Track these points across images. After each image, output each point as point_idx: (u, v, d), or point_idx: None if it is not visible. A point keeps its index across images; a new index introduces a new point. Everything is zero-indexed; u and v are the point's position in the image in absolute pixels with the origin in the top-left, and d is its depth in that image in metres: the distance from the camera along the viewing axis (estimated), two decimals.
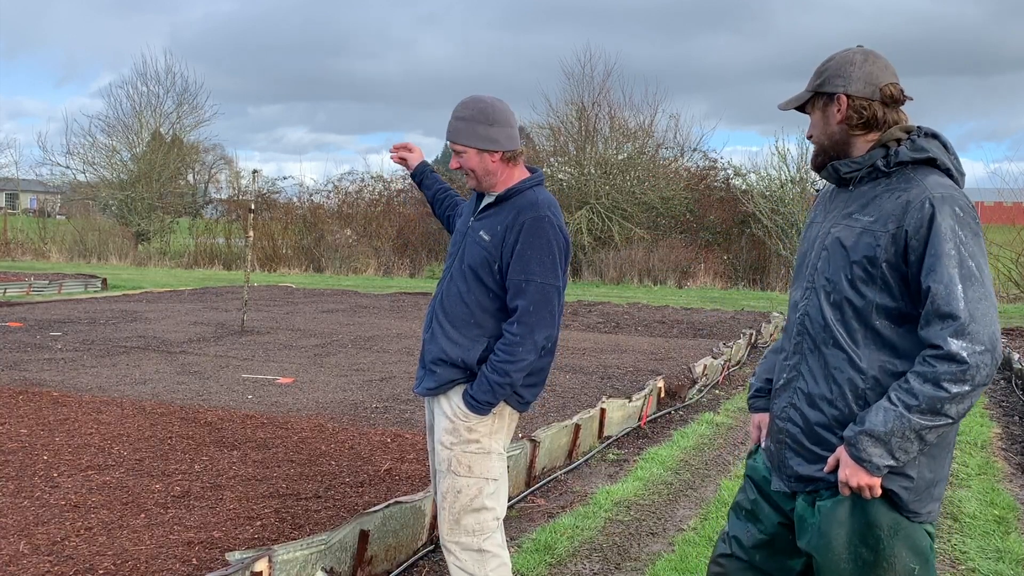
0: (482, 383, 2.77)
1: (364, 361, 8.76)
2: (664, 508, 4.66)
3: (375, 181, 27.06)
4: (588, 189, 23.73)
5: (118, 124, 29.76)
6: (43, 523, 3.91)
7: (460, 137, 2.84)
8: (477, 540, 2.85)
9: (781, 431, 2.21)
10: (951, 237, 1.97)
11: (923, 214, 1.99)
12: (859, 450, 1.99)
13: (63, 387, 6.88)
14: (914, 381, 1.96)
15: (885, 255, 2.03)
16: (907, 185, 2.07)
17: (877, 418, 1.98)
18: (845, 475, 2.02)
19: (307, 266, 24.80)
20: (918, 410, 1.94)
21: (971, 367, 1.91)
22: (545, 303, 2.75)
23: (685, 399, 7.56)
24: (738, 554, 2.35)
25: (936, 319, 1.95)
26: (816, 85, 2.20)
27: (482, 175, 2.86)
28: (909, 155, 2.10)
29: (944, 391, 1.92)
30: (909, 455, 1.99)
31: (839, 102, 2.15)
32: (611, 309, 15.05)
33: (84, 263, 24.86)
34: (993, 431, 6.70)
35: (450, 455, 2.85)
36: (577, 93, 24.96)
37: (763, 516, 2.30)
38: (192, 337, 9.98)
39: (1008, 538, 4.27)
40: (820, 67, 2.22)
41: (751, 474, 2.37)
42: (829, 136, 2.20)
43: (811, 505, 2.15)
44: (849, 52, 2.19)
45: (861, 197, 2.14)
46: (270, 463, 4.97)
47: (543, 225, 2.76)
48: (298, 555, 3.04)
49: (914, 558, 2.05)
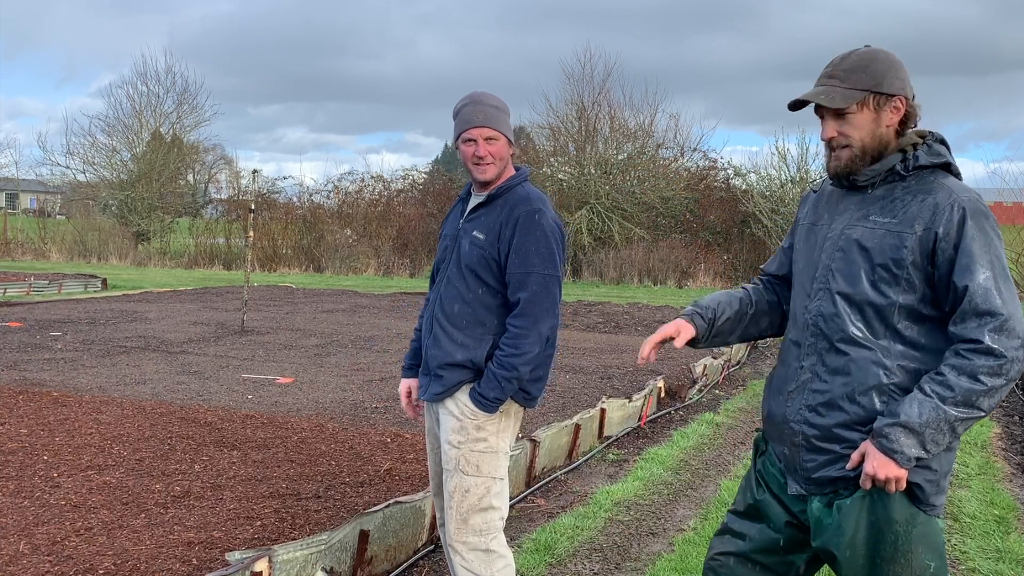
0: (490, 380, 2.78)
1: (364, 361, 8.76)
2: (664, 508, 4.66)
3: (375, 181, 27.07)
4: (588, 189, 23.72)
5: (118, 124, 29.75)
6: (43, 523, 3.91)
7: (499, 124, 2.83)
8: (484, 540, 2.84)
9: (797, 434, 2.19)
10: (982, 239, 2.03)
11: (953, 217, 2.03)
12: (891, 441, 2.00)
13: (63, 387, 6.88)
14: (949, 374, 1.99)
15: (911, 256, 2.06)
16: (929, 188, 2.10)
17: (912, 410, 2.00)
18: (872, 467, 2.03)
19: (307, 266, 24.79)
20: (953, 402, 1.97)
21: (1008, 361, 1.97)
22: (547, 294, 2.77)
23: (685, 399, 7.56)
24: (739, 551, 2.34)
25: (974, 316, 1.99)
26: (872, 85, 2.12)
27: (501, 165, 2.86)
28: (928, 160, 2.13)
29: (981, 384, 1.96)
30: (939, 447, 2.02)
31: (898, 103, 2.13)
32: (611, 309, 15.05)
33: (84, 263, 24.86)
34: (993, 431, 6.70)
35: (458, 454, 2.84)
36: (577, 93, 24.96)
37: (772, 514, 2.29)
38: (192, 337, 9.98)
39: (1008, 538, 4.27)
40: (857, 65, 2.14)
41: (762, 471, 2.35)
42: (877, 138, 2.14)
43: (827, 506, 2.15)
44: (887, 52, 2.16)
45: (878, 200, 2.15)
46: (270, 463, 4.97)
47: (538, 218, 2.79)
48: (298, 555, 3.04)
49: (930, 554, 2.08)
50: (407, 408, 3.17)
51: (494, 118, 2.83)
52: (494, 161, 2.84)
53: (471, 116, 2.82)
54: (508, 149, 2.86)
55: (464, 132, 2.84)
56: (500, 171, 2.87)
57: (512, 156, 2.92)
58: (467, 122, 2.83)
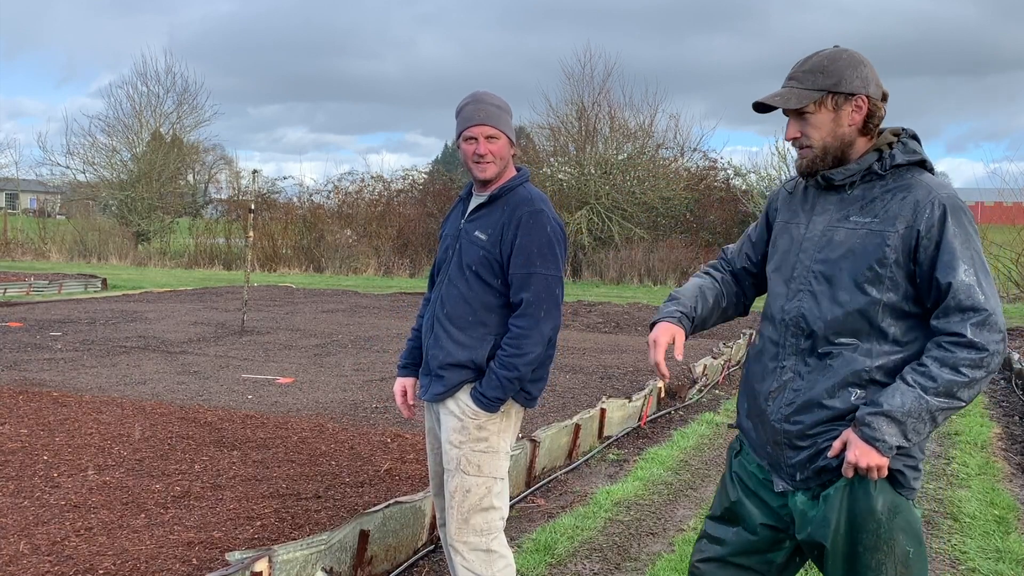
0: (491, 379, 2.78)
1: (364, 361, 8.76)
2: (664, 508, 4.66)
3: (375, 181, 27.12)
4: (588, 189, 23.73)
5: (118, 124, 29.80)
6: (43, 523, 3.91)
7: (500, 123, 2.83)
8: (485, 540, 2.84)
9: (779, 433, 2.21)
10: (962, 235, 2.05)
11: (934, 214, 2.05)
12: (874, 430, 2.03)
13: (63, 387, 6.88)
14: (932, 365, 2.02)
15: (895, 255, 2.07)
16: (907, 186, 2.12)
17: (895, 399, 2.03)
18: (855, 456, 2.05)
19: (307, 266, 24.80)
20: (935, 392, 2.01)
21: (989, 354, 2.01)
22: (549, 294, 2.78)
23: (685, 399, 7.56)
24: (718, 556, 2.36)
25: (957, 311, 2.02)
26: (830, 84, 2.13)
27: (502, 164, 2.86)
28: (904, 158, 2.14)
29: (963, 376, 2.00)
30: (920, 436, 2.05)
31: (859, 102, 2.13)
32: (611, 309, 15.05)
33: (84, 263, 24.87)
34: (993, 431, 6.70)
35: (459, 454, 2.84)
36: (577, 93, 24.99)
37: (747, 515, 2.31)
38: (192, 337, 9.98)
39: (1008, 538, 4.27)
40: (819, 65, 2.16)
41: (739, 472, 2.37)
42: (839, 137, 2.15)
43: (812, 498, 2.17)
44: (851, 52, 2.17)
45: (857, 200, 2.16)
46: (270, 463, 4.97)
47: (541, 218, 2.79)
48: (298, 555, 3.04)
49: (910, 540, 2.11)
50: (402, 408, 3.17)
51: (495, 117, 2.83)
52: (494, 160, 2.84)
53: (472, 114, 2.82)
54: (509, 149, 2.87)
55: (465, 130, 2.83)
56: (500, 170, 2.87)
57: (513, 156, 2.92)
58: (468, 120, 2.83)
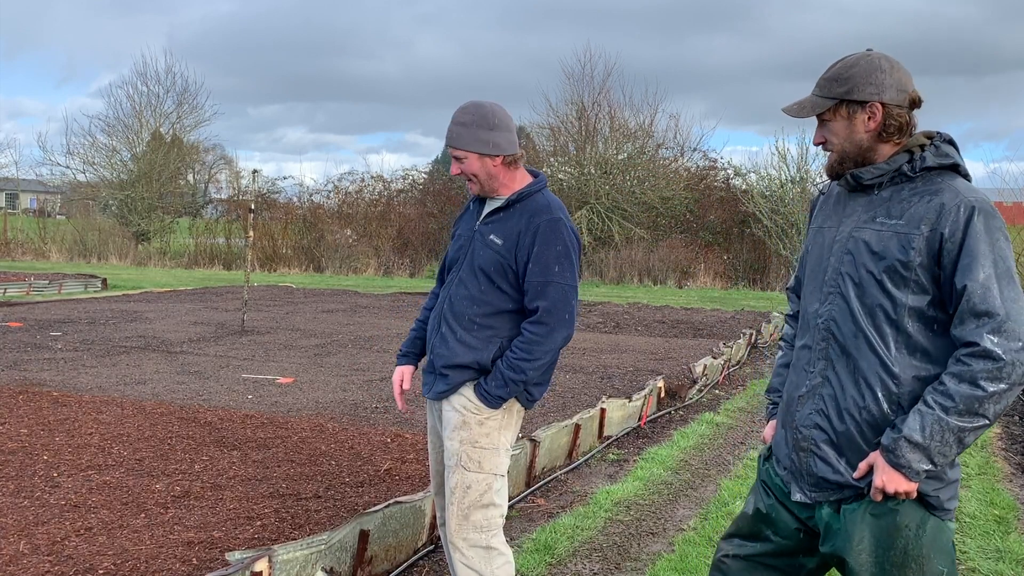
0: (497, 378, 2.79)
1: (364, 361, 8.76)
2: (664, 508, 4.66)
3: (375, 181, 27.09)
4: (588, 189, 23.73)
5: (118, 124, 29.78)
6: (43, 523, 3.91)
7: (461, 142, 2.82)
8: (485, 537, 2.85)
9: (806, 439, 2.17)
10: (987, 239, 1.99)
11: (959, 217, 2.01)
12: (898, 456, 1.97)
13: (63, 387, 6.88)
14: (949, 382, 1.96)
15: (919, 257, 2.03)
16: (936, 189, 2.07)
17: (915, 424, 1.97)
18: (882, 481, 2.00)
19: (307, 266, 24.80)
20: (955, 412, 1.94)
21: (1007, 364, 1.92)
22: (565, 304, 2.78)
23: (685, 399, 7.56)
24: (747, 554, 2.32)
25: (971, 317, 1.96)
26: (842, 92, 2.13)
27: (484, 180, 2.85)
28: (935, 161, 2.10)
29: (981, 390, 1.92)
30: (948, 458, 1.98)
31: (872, 110, 2.11)
32: (611, 309, 15.05)
33: (84, 263, 24.86)
34: (993, 431, 6.70)
35: (460, 450, 2.85)
36: (577, 93, 25.00)
37: (781, 521, 2.28)
38: (192, 337, 9.98)
39: (1008, 538, 4.27)
40: (837, 73, 2.15)
41: (767, 480, 2.34)
42: (855, 144, 2.15)
43: (836, 512, 2.13)
44: (873, 57, 2.14)
45: (885, 201, 2.13)
46: (270, 463, 4.97)
47: (558, 227, 2.79)
48: (298, 555, 3.04)
49: (943, 559, 2.05)
50: (398, 398, 3.16)
51: (456, 136, 2.83)
52: (473, 179, 2.86)
53: (447, 135, 2.87)
54: (483, 163, 2.83)
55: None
56: (488, 185, 2.86)
57: (519, 158, 2.89)
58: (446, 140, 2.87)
